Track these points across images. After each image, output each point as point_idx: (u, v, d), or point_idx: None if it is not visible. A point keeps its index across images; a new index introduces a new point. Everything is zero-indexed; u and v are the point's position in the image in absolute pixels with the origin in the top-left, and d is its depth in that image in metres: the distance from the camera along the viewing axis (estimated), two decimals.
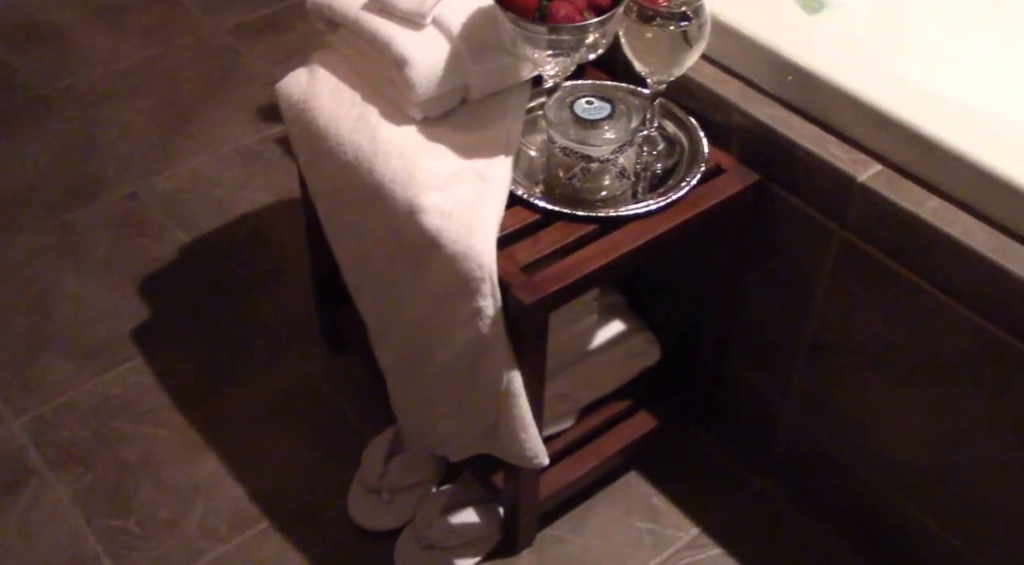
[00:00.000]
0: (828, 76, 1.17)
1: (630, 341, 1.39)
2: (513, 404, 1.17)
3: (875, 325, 1.19)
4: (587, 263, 1.13)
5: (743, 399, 1.42)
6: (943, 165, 1.09)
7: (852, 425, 1.28)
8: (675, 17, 1.12)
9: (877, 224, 1.13)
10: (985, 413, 1.12)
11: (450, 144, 1.22)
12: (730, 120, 1.23)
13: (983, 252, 1.05)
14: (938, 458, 1.20)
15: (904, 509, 1.27)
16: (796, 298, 1.26)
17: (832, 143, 1.17)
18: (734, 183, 1.22)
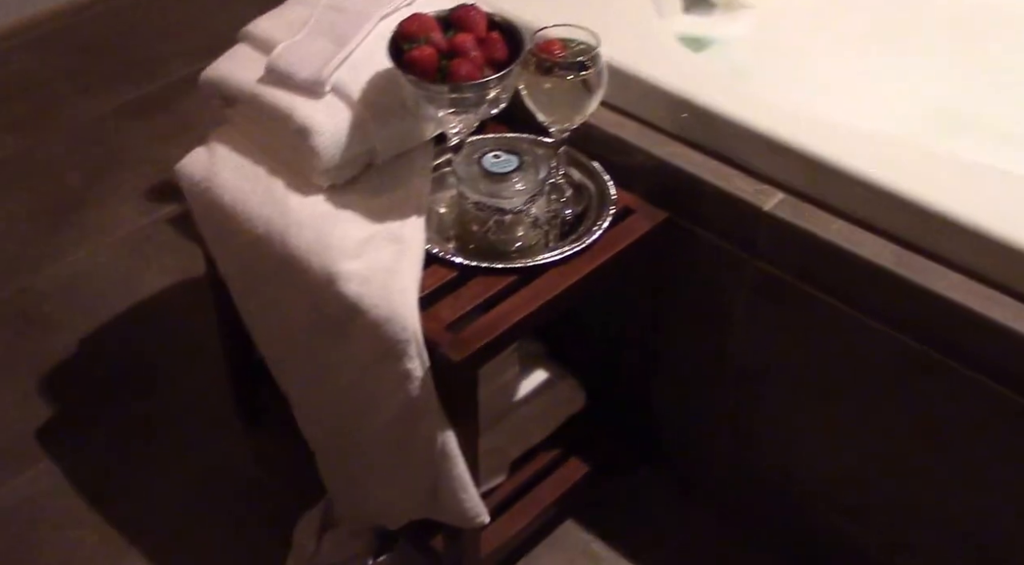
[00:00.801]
0: (722, 110, 1.22)
1: (554, 389, 1.40)
2: (450, 465, 1.15)
3: (795, 348, 1.22)
4: (511, 314, 1.14)
5: (673, 435, 1.44)
6: (841, 187, 1.14)
7: (783, 448, 1.31)
8: (573, 67, 1.14)
9: (786, 250, 1.17)
10: (907, 422, 1.16)
11: (361, 209, 1.22)
12: (633, 161, 1.26)
13: (890, 268, 1.09)
14: (869, 472, 1.23)
15: (843, 527, 1.30)
16: (715, 330, 1.29)
17: (734, 176, 1.20)
18: (644, 223, 1.24)
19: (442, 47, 1.15)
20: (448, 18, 1.19)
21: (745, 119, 1.20)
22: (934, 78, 1.43)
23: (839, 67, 1.46)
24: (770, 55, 1.50)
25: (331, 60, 1.23)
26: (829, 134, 1.17)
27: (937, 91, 1.42)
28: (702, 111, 1.23)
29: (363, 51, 1.24)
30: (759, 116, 1.20)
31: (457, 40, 1.15)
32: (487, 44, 1.17)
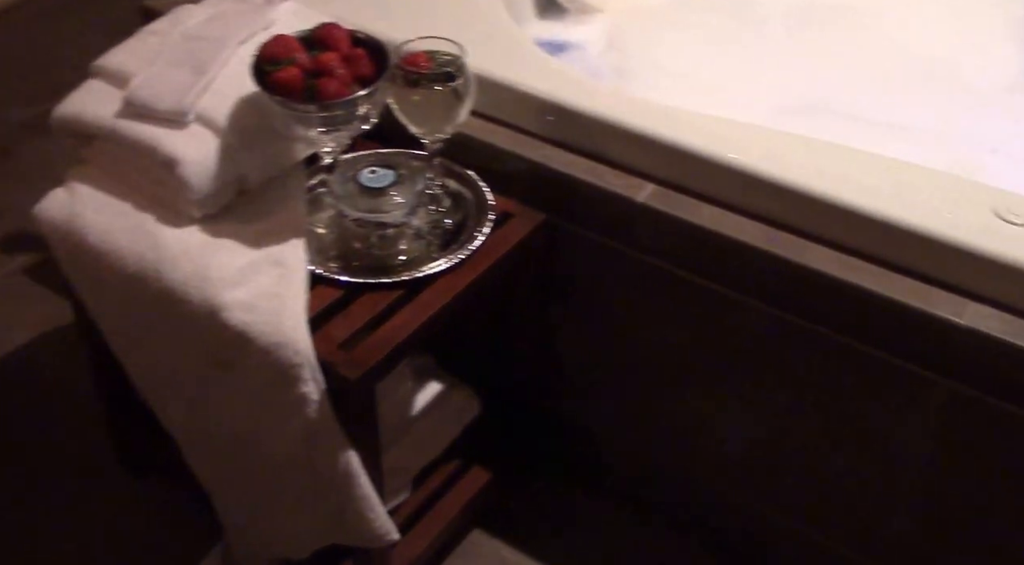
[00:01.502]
0: (587, 109, 1.25)
1: (449, 400, 1.40)
2: (355, 485, 1.14)
3: (680, 334, 1.26)
4: (404, 328, 1.13)
5: (571, 432, 1.46)
6: (708, 175, 1.18)
7: (680, 434, 1.35)
8: (440, 77, 1.15)
9: (662, 239, 1.20)
10: (795, 395, 1.21)
11: (238, 237, 1.19)
12: (507, 167, 1.28)
13: (760, 246, 1.14)
14: (762, 447, 1.28)
15: (744, 503, 1.35)
16: (603, 324, 1.32)
17: (606, 172, 1.23)
18: (523, 226, 1.26)
19: (307, 67, 1.14)
20: (310, 38, 1.18)
21: (610, 116, 1.23)
22: (782, 68, 1.50)
23: (692, 62, 1.52)
24: (625, 55, 1.55)
25: (191, 89, 1.20)
26: (692, 125, 1.22)
27: (786, 80, 1.49)
28: (568, 112, 1.26)
29: (225, 78, 1.22)
30: (624, 112, 1.23)
31: (322, 59, 1.15)
32: (352, 61, 1.16)
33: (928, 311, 1.05)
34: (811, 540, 1.30)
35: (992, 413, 1.06)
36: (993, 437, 1.08)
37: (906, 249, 1.09)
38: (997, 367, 1.04)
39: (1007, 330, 1.03)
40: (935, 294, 1.07)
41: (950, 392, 1.08)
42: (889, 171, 1.15)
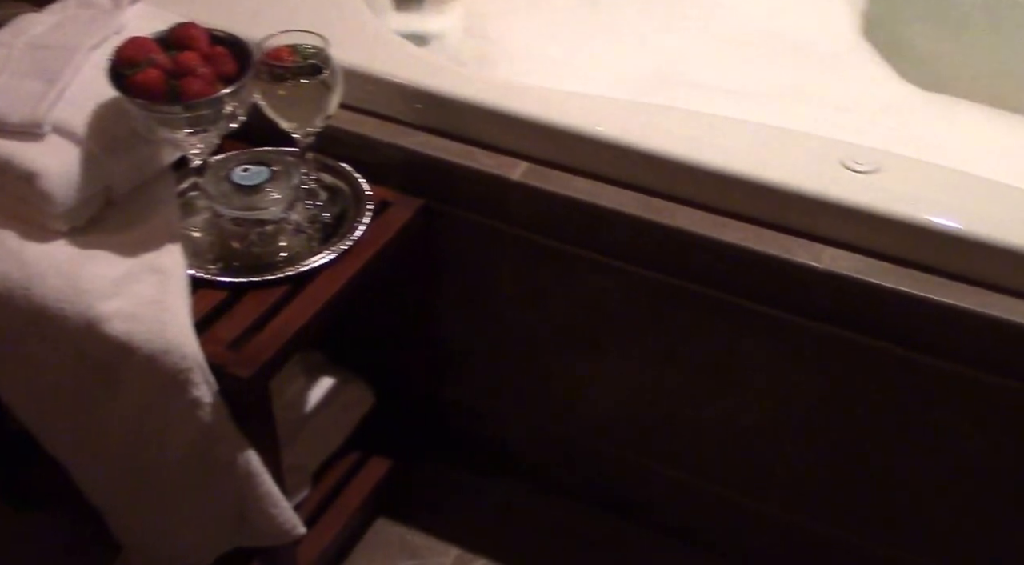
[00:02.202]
0: (454, 94, 1.27)
1: (342, 393, 1.40)
2: (257, 483, 1.13)
3: (563, 306, 1.30)
4: (292, 323, 1.13)
5: (466, 413, 1.49)
6: (578, 149, 1.22)
7: (565, 401, 1.39)
8: (306, 70, 1.15)
9: (538, 215, 1.24)
10: (673, 351, 1.27)
11: (110, 247, 1.16)
12: (381, 156, 1.29)
13: (631, 212, 1.18)
14: (646, 404, 1.33)
15: (634, 460, 1.40)
16: (486, 303, 1.35)
17: (479, 154, 1.26)
18: (402, 213, 1.27)
19: (167, 67, 1.13)
20: (167, 38, 1.17)
21: (478, 100, 1.26)
22: (638, 42, 1.55)
23: (551, 43, 1.56)
24: (485, 41, 1.58)
25: (44, 99, 1.17)
26: (558, 103, 1.25)
27: (643, 53, 1.54)
28: (437, 98, 1.28)
29: (79, 85, 1.19)
30: (491, 95, 1.26)
31: (182, 59, 1.13)
32: (214, 60, 1.15)
33: (790, 259, 1.12)
34: (702, 489, 1.36)
35: (857, 348, 1.14)
36: (861, 371, 1.15)
37: (766, 204, 1.15)
38: (855, 305, 1.11)
39: (861, 269, 1.10)
40: (795, 243, 1.14)
41: (817, 333, 1.15)
42: (745, 133, 1.22)
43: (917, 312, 1.09)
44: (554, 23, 1.58)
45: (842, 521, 1.29)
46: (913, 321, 1.09)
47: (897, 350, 1.12)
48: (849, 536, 1.30)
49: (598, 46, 1.54)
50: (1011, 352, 1.07)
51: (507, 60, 1.52)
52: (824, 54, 1.49)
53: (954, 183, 1.15)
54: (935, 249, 1.10)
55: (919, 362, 1.11)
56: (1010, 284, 1.08)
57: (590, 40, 1.55)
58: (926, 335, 1.10)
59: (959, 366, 1.10)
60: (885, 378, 1.14)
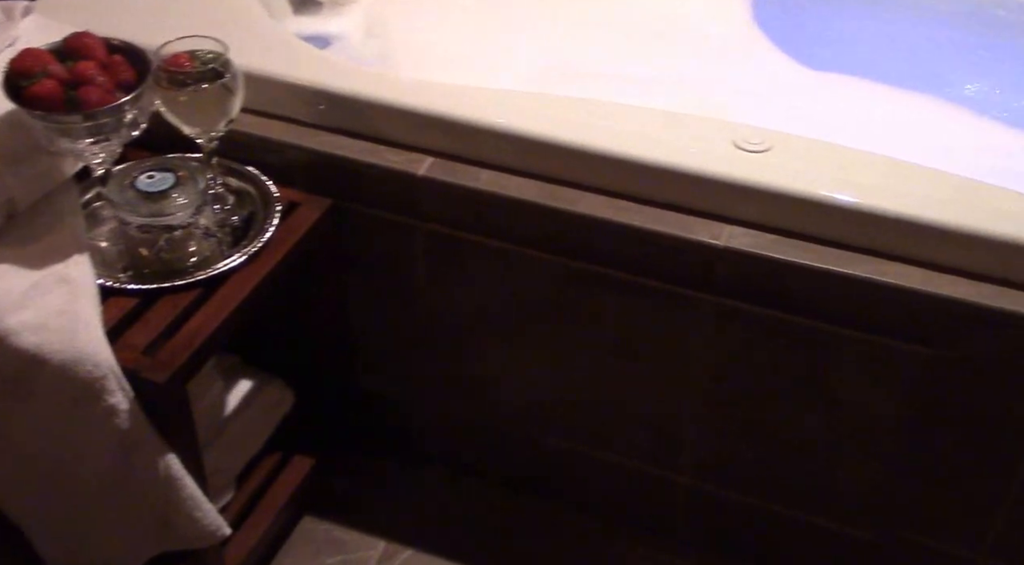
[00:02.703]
0: (356, 93, 1.28)
1: (261, 395, 1.40)
2: (179, 487, 1.13)
3: (475, 295, 1.32)
4: (205, 326, 1.13)
5: (388, 406, 1.50)
6: (482, 141, 1.25)
7: (488, 392, 1.42)
8: (206, 75, 1.16)
9: (447, 207, 1.26)
10: (585, 334, 1.30)
11: (15, 261, 1.15)
12: (287, 158, 1.30)
13: (534, 200, 1.21)
14: (564, 389, 1.36)
15: (552, 444, 1.43)
16: (400, 297, 1.37)
17: (385, 151, 1.28)
18: (311, 213, 1.28)
19: (64, 78, 1.12)
20: (62, 49, 1.16)
21: (380, 98, 1.27)
22: (538, 36, 1.59)
23: (452, 39, 1.58)
24: (387, 40, 1.60)
25: None
26: (460, 97, 1.28)
27: (542, 47, 1.58)
28: (339, 98, 1.29)
29: None
30: (393, 92, 1.28)
31: (79, 68, 1.13)
32: (111, 68, 1.15)
33: (691, 238, 1.16)
34: (619, 466, 1.40)
35: (757, 320, 1.18)
36: (762, 341, 1.20)
37: (664, 186, 1.19)
38: (753, 279, 1.16)
39: (757, 244, 1.15)
40: (695, 222, 1.18)
41: (720, 307, 1.19)
42: (641, 119, 1.25)
43: (813, 282, 1.14)
44: (455, 21, 1.60)
45: (751, 486, 1.34)
46: (809, 291, 1.14)
47: (796, 319, 1.17)
48: (759, 501, 1.35)
49: (499, 41, 1.57)
50: (904, 316, 1.12)
51: (409, 58, 1.54)
52: (718, 40, 1.54)
53: (843, 158, 1.20)
54: (827, 222, 1.15)
55: (817, 329, 1.16)
56: (900, 252, 1.13)
57: (491, 36, 1.58)
58: (822, 303, 1.15)
59: (855, 332, 1.15)
60: (786, 346, 1.19)
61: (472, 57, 1.55)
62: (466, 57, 1.55)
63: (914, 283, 1.11)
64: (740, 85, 1.46)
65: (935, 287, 1.10)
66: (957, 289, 1.10)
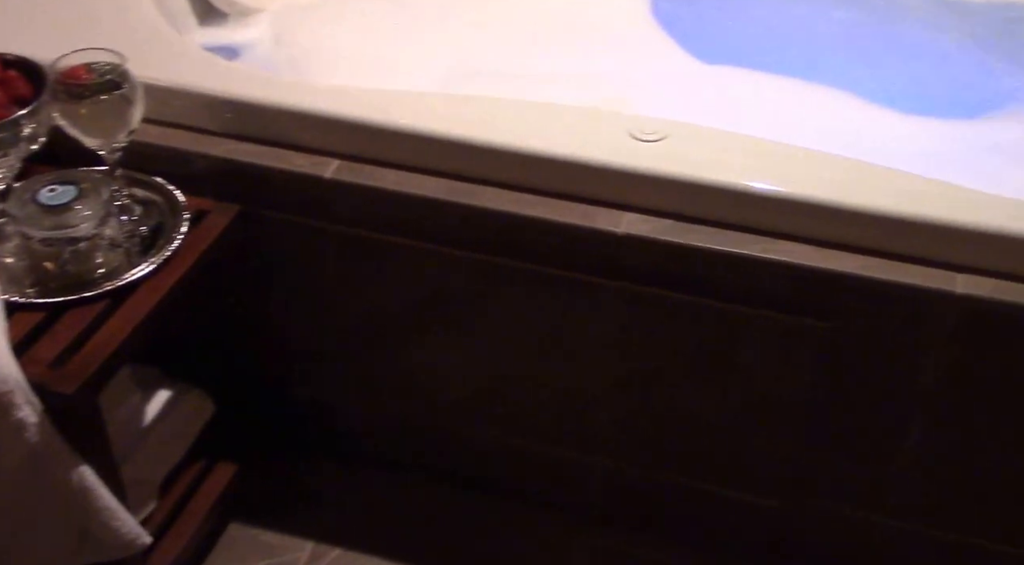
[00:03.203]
0: (260, 100, 1.30)
1: (180, 404, 1.41)
2: (94, 498, 1.14)
3: (390, 293, 1.34)
4: (114, 337, 1.14)
5: (311, 408, 1.52)
6: (387, 142, 1.27)
7: (410, 388, 1.44)
8: (105, 86, 1.16)
9: (355, 209, 1.28)
10: (500, 325, 1.33)
11: None
12: (194, 167, 1.30)
13: (438, 197, 1.24)
14: (485, 381, 1.39)
15: (475, 436, 1.45)
16: (319, 300, 1.38)
17: (292, 156, 1.29)
18: (220, 220, 1.29)
19: None
20: None
21: (284, 103, 1.29)
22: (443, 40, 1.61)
23: (359, 46, 1.60)
24: (295, 48, 1.61)
25: None
26: (363, 100, 1.30)
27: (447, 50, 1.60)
28: (244, 105, 1.30)
29: None
30: (297, 97, 1.30)
31: None
32: (6, 83, 1.16)
33: (592, 227, 1.20)
34: (546, 454, 1.43)
35: (661, 303, 1.22)
36: (667, 323, 1.24)
37: (565, 177, 1.22)
38: (654, 263, 1.20)
39: (656, 230, 1.18)
40: (596, 212, 1.21)
41: (625, 293, 1.23)
42: (541, 113, 1.29)
43: (710, 264, 1.18)
44: (361, 26, 1.63)
45: (665, 464, 1.38)
46: (707, 272, 1.18)
47: (697, 300, 1.21)
48: (673, 477, 1.39)
49: (406, 45, 1.59)
50: (797, 291, 1.17)
51: (318, 65, 1.56)
52: (617, 36, 1.58)
53: (735, 145, 1.25)
54: (721, 205, 1.19)
55: (718, 309, 1.21)
56: (790, 230, 1.18)
57: (397, 40, 1.60)
58: (720, 284, 1.19)
59: (753, 309, 1.19)
60: (690, 327, 1.23)
61: (380, 61, 1.57)
62: (374, 62, 1.57)
63: (804, 259, 1.15)
64: (639, 79, 1.50)
65: (824, 262, 1.15)
66: (844, 263, 1.15)
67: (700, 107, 1.44)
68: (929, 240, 1.14)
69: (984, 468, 1.24)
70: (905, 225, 1.14)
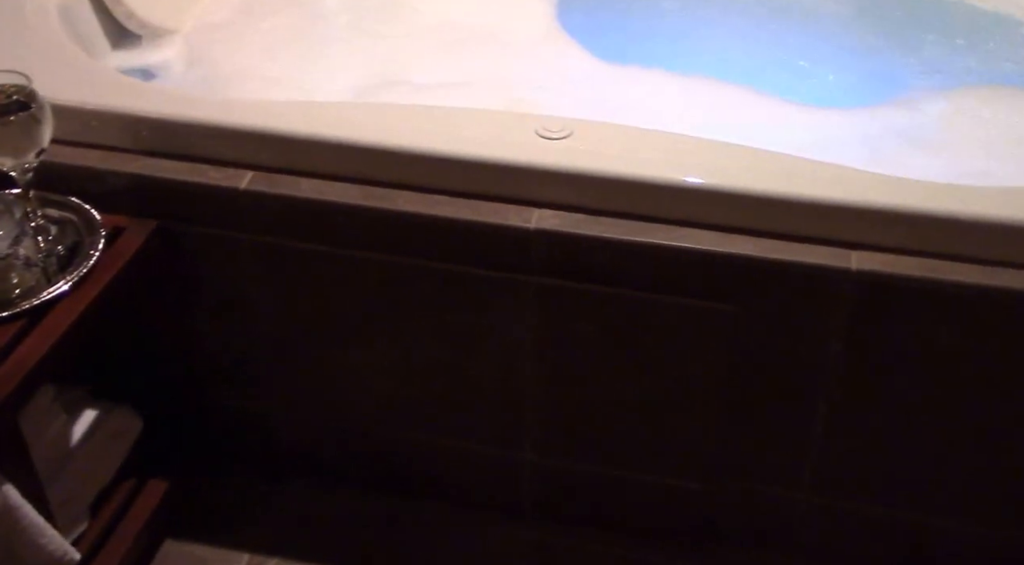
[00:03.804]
0: (173, 116, 1.31)
1: (108, 423, 1.41)
2: (19, 517, 1.13)
3: (312, 301, 1.36)
4: (32, 355, 1.14)
5: (241, 420, 1.52)
6: (298, 151, 1.29)
7: (338, 394, 1.45)
8: (11, 107, 1.17)
9: (272, 218, 1.30)
10: (422, 328, 1.35)
11: None
12: (110, 185, 1.31)
13: (354, 202, 1.26)
14: (411, 383, 1.41)
15: (406, 439, 1.47)
16: (242, 312, 1.40)
17: (207, 169, 1.31)
18: (137, 236, 1.30)
19: None
20: None
21: (196, 118, 1.31)
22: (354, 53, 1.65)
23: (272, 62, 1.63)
24: (210, 68, 1.63)
25: None
26: (274, 111, 1.32)
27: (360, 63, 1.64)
28: (157, 122, 1.32)
29: None
30: (208, 112, 1.32)
31: None
32: None
33: (504, 224, 1.23)
34: (474, 452, 1.46)
35: (575, 294, 1.26)
36: (581, 314, 1.28)
37: (476, 178, 1.25)
38: (565, 256, 1.23)
39: (565, 224, 1.22)
40: (508, 209, 1.25)
41: (539, 287, 1.26)
42: (450, 117, 1.32)
43: (619, 254, 1.22)
44: (274, 44, 1.65)
45: (588, 454, 1.41)
46: (617, 262, 1.22)
47: (609, 290, 1.24)
48: (596, 467, 1.42)
49: (319, 61, 1.62)
50: (703, 277, 1.21)
51: (232, 83, 1.58)
52: (522, 41, 1.63)
53: (637, 139, 1.29)
54: (626, 197, 1.23)
55: (629, 297, 1.24)
56: (693, 218, 1.22)
57: (311, 57, 1.63)
58: (630, 273, 1.23)
59: (663, 296, 1.23)
60: (604, 316, 1.27)
61: (294, 78, 1.59)
62: (288, 79, 1.60)
63: (708, 245, 1.20)
64: (546, 82, 1.55)
65: (727, 247, 1.20)
66: (747, 247, 1.19)
67: (605, 106, 1.49)
68: (824, 220, 1.19)
69: (893, 438, 1.29)
70: (801, 207, 1.19)
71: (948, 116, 1.48)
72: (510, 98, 1.48)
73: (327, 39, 1.65)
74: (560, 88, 1.54)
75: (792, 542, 1.43)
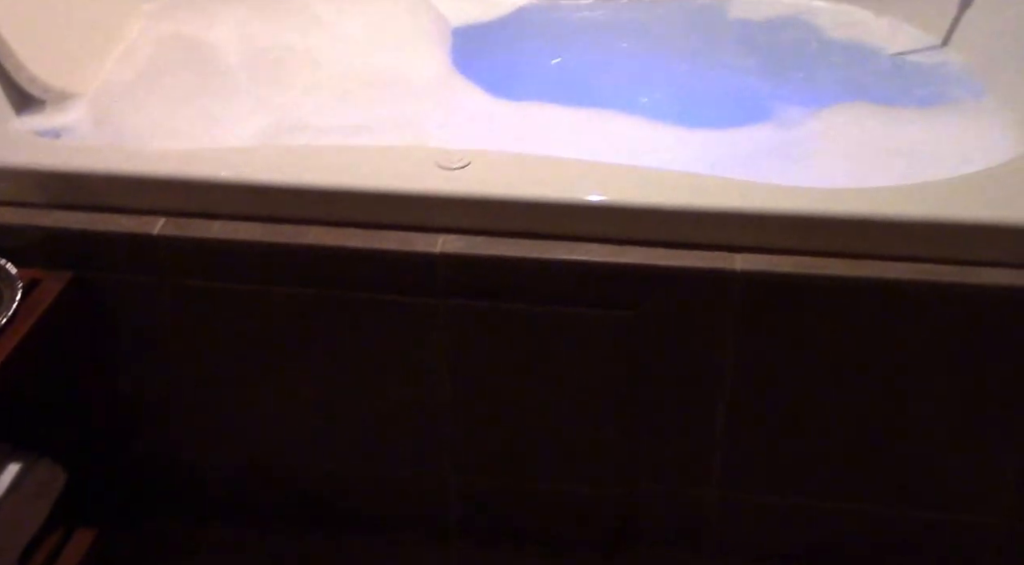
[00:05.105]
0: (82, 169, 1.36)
1: (31, 476, 1.41)
2: None
3: (231, 340, 1.40)
4: None
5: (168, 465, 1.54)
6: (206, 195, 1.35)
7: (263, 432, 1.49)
8: None
9: (185, 261, 1.34)
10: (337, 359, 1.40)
11: None
12: (22, 239, 1.35)
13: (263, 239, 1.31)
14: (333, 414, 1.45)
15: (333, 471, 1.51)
16: (162, 355, 1.43)
17: (119, 218, 1.35)
18: (52, 288, 1.33)
19: None
20: None
21: (105, 169, 1.36)
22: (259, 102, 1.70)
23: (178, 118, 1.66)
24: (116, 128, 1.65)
25: None
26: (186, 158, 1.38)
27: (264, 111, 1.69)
28: (65, 176, 1.37)
29: None
30: (116, 163, 1.37)
31: None
32: None
33: (411, 250, 1.30)
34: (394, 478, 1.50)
35: (481, 313, 1.32)
36: (489, 331, 1.34)
37: (381, 209, 1.32)
38: (471, 277, 1.30)
39: (468, 247, 1.29)
40: (414, 237, 1.31)
41: (447, 308, 1.32)
42: (356, 155, 1.40)
43: (520, 271, 1.29)
44: (177, 98, 1.69)
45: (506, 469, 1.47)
46: (519, 280, 1.30)
47: (513, 306, 1.31)
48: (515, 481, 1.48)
49: (220, 111, 1.67)
50: (598, 287, 1.29)
51: (139, 140, 1.61)
52: (420, 86, 1.70)
53: (531, 165, 1.37)
54: (524, 217, 1.31)
55: (532, 312, 1.32)
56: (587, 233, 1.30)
57: (213, 109, 1.68)
58: (531, 288, 1.30)
59: (563, 308, 1.31)
60: (510, 332, 1.34)
61: (198, 128, 1.64)
62: (192, 129, 1.64)
63: (603, 257, 1.28)
64: (444, 120, 1.63)
65: (620, 258, 1.28)
66: (638, 256, 1.28)
67: (503, 139, 1.57)
68: (709, 227, 1.29)
69: (789, 429, 1.38)
70: (687, 215, 1.28)
71: (819, 131, 1.59)
72: (412, 137, 1.55)
73: (230, 92, 1.70)
74: (460, 125, 1.62)
75: (707, 538, 1.50)
